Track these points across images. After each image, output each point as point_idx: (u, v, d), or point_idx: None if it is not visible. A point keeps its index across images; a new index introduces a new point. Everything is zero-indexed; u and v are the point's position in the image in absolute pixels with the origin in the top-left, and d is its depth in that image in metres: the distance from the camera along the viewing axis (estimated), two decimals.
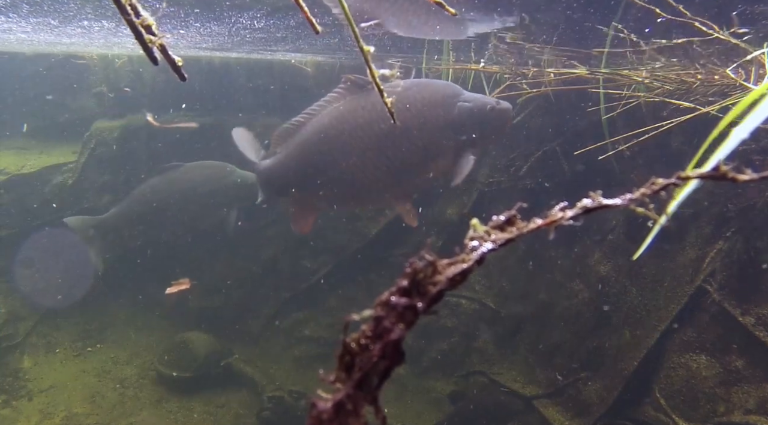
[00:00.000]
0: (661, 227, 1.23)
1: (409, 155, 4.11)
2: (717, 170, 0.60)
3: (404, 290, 0.50)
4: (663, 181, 0.62)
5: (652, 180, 0.63)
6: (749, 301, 4.17)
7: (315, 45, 6.57)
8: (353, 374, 0.47)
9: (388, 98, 1.15)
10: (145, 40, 0.95)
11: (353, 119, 4.16)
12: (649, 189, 0.62)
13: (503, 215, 0.60)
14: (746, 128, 1.08)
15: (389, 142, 4.09)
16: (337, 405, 0.46)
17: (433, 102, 4.06)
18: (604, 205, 0.61)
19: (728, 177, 0.60)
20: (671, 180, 0.62)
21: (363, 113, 4.14)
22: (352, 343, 0.47)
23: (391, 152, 4.10)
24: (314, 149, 4.34)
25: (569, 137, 5.41)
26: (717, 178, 0.61)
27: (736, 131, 1.09)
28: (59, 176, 7.39)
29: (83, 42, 6.76)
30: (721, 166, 0.61)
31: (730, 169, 0.60)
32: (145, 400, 5.92)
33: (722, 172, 0.60)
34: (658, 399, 4.45)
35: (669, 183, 0.62)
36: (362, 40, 1.14)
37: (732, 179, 0.60)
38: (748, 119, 1.10)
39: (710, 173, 0.61)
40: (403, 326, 0.47)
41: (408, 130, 4.04)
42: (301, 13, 1.09)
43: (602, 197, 0.63)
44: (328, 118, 4.30)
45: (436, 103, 4.07)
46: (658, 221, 0.78)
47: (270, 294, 6.95)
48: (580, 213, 0.62)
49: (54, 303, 6.81)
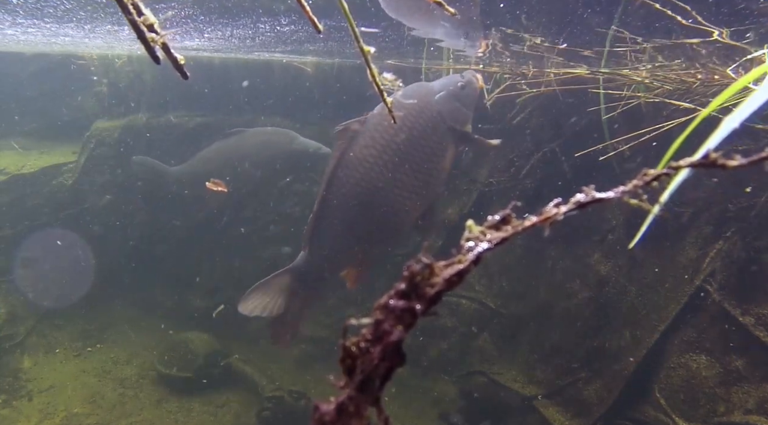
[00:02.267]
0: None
1: (426, 162, 4.03)
2: (707, 157, 0.60)
3: (402, 293, 0.50)
4: (655, 171, 0.62)
5: (643, 171, 0.62)
6: (749, 301, 4.17)
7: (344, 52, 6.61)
8: (355, 376, 0.47)
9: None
10: (147, 39, 0.95)
11: (371, 156, 3.96)
12: (642, 180, 0.62)
13: (498, 214, 0.60)
14: (738, 118, 1.08)
15: (406, 160, 3.98)
16: (339, 407, 0.46)
17: (418, 107, 4.02)
18: (597, 199, 0.61)
19: (718, 164, 0.59)
20: (663, 171, 0.62)
21: (374, 144, 3.96)
22: (353, 347, 0.47)
23: (416, 167, 4.00)
24: (355, 204, 4.03)
25: (570, 137, 5.41)
26: (707, 165, 0.61)
27: (726, 120, 1.09)
28: (59, 176, 7.40)
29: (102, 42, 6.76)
30: (711, 153, 0.60)
31: (720, 156, 0.60)
32: (145, 400, 5.93)
33: (712, 159, 0.59)
34: (658, 399, 4.45)
35: (661, 174, 0.62)
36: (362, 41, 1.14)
37: (722, 166, 0.59)
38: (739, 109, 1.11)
39: (700, 161, 0.60)
40: (402, 328, 0.48)
41: (416, 138, 3.98)
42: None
43: (595, 191, 0.63)
44: (343, 174, 4.03)
45: (422, 106, 4.03)
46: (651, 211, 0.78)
47: None
48: (575, 209, 0.61)
49: (54, 303, 6.82)
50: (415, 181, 4.01)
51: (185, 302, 7.17)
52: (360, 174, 3.95)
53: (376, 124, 3.99)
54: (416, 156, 3.98)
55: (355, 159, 3.97)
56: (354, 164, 3.97)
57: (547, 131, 5.58)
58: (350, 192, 3.99)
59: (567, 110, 5.37)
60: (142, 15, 0.96)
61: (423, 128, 4.00)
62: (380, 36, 5.32)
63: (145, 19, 0.96)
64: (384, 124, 3.96)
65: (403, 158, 3.95)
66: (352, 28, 1.13)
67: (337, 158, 4.01)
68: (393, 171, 3.94)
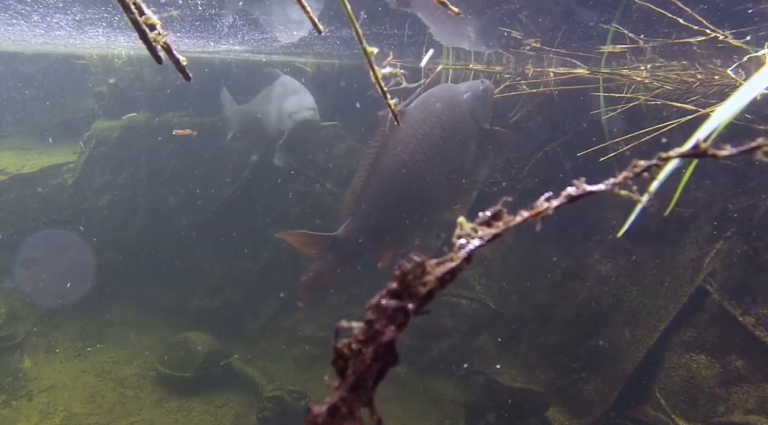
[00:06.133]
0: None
1: (456, 152, 4.49)
2: (697, 147, 0.59)
3: (394, 292, 0.49)
4: (644, 163, 0.62)
5: (633, 162, 0.62)
6: (749, 301, 4.16)
7: None
8: (347, 377, 0.47)
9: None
10: (149, 39, 0.95)
11: (411, 144, 4.38)
12: (632, 172, 0.62)
13: (489, 210, 0.59)
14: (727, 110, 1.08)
15: (443, 149, 4.43)
16: (331, 409, 0.46)
17: (451, 104, 4.49)
18: (588, 192, 0.60)
19: (708, 154, 0.59)
20: (652, 162, 0.62)
21: (415, 133, 4.39)
22: (344, 348, 0.47)
23: (448, 156, 4.45)
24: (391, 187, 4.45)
25: (570, 137, 5.40)
26: (697, 156, 0.60)
27: (717, 111, 1.10)
28: (59, 176, 7.39)
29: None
30: (701, 144, 0.60)
31: (710, 146, 0.60)
32: (145, 400, 5.93)
33: (702, 149, 0.59)
34: (658, 399, 4.44)
35: (651, 164, 0.61)
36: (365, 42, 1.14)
37: (712, 156, 0.59)
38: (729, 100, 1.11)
39: (690, 151, 0.60)
40: (395, 328, 0.47)
41: (449, 131, 4.44)
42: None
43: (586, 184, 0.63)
44: (388, 158, 4.44)
45: (453, 105, 4.49)
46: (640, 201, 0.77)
47: (270, 294, 6.96)
48: (566, 202, 0.61)
49: (54, 303, 6.82)
50: (447, 168, 4.47)
51: (185, 302, 7.17)
52: (402, 160, 4.39)
53: (415, 115, 4.44)
54: (449, 146, 4.44)
55: (397, 146, 4.40)
56: (396, 150, 4.40)
57: (547, 131, 5.58)
58: (391, 175, 4.42)
59: (568, 109, 5.36)
60: (144, 14, 0.95)
61: (455, 123, 4.47)
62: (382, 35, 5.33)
63: (147, 19, 0.96)
64: (422, 116, 4.41)
65: (439, 147, 4.41)
66: (355, 29, 1.13)
67: (380, 142, 4.46)
68: (430, 158, 4.39)
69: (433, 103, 4.45)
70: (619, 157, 4.43)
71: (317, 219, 6.91)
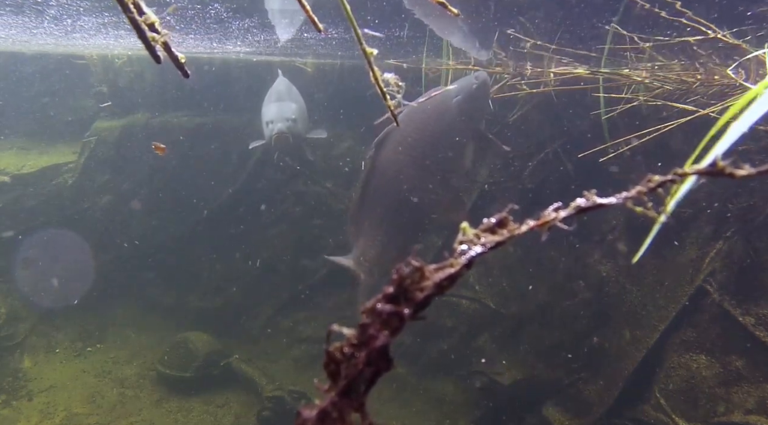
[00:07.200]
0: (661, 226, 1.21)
1: (449, 157, 4.43)
2: (714, 165, 0.58)
3: (391, 296, 0.49)
4: (660, 178, 0.61)
5: (648, 177, 0.61)
6: (749, 301, 4.16)
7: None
8: (338, 381, 0.46)
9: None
10: (147, 38, 0.94)
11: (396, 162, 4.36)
12: (646, 187, 0.60)
13: (494, 216, 0.59)
14: (744, 123, 1.07)
15: (433, 160, 4.39)
16: (322, 413, 0.46)
17: (438, 113, 4.40)
18: (599, 204, 0.59)
19: (726, 173, 0.58)
20: (668, 177, 0.60)
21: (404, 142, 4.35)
22: (336, 352, 0.47)
23: (439, 167, 4.40)
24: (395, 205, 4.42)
25: (570, 137, 5.40)
26: (715, 174, 0.59)
27: (734, 125, 1.08)
28: (59, 176, 7.39)
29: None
30: (719, 162, 0.59)
31: (728, 164, 0.59)
32: (145, 400, 5.92)
33: (720, 168, 0.58)
34: (658, 399, 4.44)
35: (666, 180, 0.60)
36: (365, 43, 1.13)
37: (730, 175, 0.58)
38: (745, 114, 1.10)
39: (708, 168, 0.59)
40: (389, 333, 0.47)
41: (439, 138, 4.38)
42: None
43: (597, 196, 0.61)
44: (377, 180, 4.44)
45: (440, 113, 4.40)
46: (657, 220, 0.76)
47: (270, 294, 6.95)
48: (574, 213, 0.60)
49: (54, 303, 6.82)
50: (439, 178, 4.41)
51: (185, 302, 7.17)
52: (393, 172, 4.38)
53: (404, 126, 4.37)
54: (439, 156, 4.37)
55: (385, 166, 4.39)
56: (387, 163, 4.39)
57: (547, 131, 5.57)
58: (386, 189, 4.41)
59: (569, 109, 5.35)
60: (143, 14, 0.95)
61: (443, 132, 4.37)
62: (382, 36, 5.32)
63: (147, 18, 0.95)
64: (411, 127, 4.35)
65: (430, 155, 4.35)
66: (355, 30, 1.12)
67: (369, 165, 4.44)
68: (422, 167, 4.35)
69: (418, 118, 4.39)
70: (618, 156, 4.43)
71: (317, 219, 6.91)
